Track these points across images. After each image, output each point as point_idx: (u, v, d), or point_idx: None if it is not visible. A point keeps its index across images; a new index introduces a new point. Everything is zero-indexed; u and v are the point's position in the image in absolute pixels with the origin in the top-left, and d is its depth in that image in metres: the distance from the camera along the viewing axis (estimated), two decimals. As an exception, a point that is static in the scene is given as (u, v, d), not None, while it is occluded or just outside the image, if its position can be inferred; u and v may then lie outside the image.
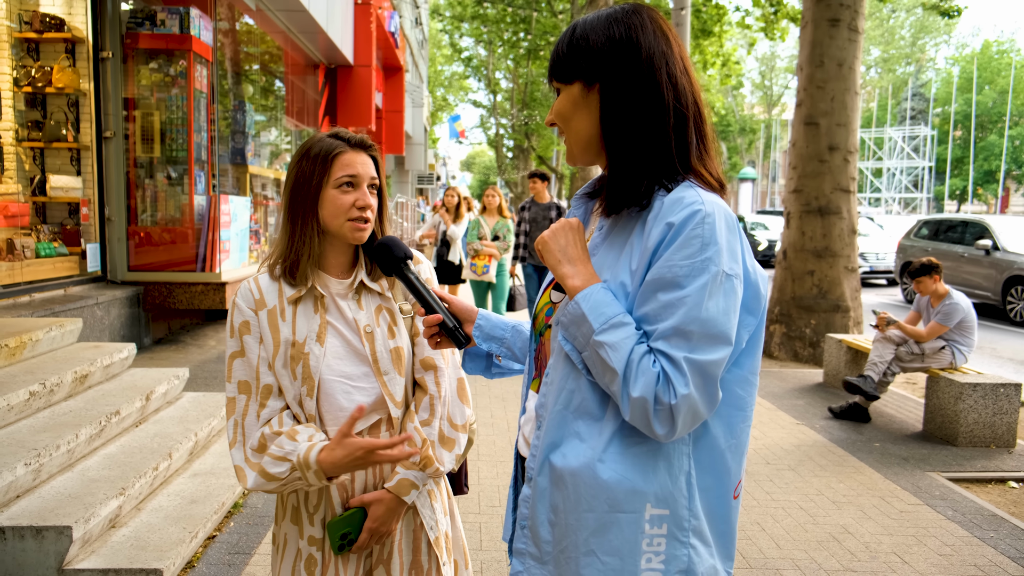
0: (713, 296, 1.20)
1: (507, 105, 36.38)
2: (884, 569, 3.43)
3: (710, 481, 1.33)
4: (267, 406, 1.66)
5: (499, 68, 36.97)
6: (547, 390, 1.36)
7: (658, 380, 1.18)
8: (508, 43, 28.07)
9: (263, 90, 10.22)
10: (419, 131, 25.03)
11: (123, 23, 6.84)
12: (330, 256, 1.74)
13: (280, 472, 1.60)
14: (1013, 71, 44.74)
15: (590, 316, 1.24)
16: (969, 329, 5.63)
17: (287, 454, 1.60)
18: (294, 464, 1.59)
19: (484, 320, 1.63)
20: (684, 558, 1.29)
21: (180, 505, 3.47)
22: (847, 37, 8.48)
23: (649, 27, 1.30)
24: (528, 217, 8.01)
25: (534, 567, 1.36)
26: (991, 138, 45.79)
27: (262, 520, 3.68)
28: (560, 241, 1.34)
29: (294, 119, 11.46)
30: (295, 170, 1.70)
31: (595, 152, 1.37)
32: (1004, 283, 11.98)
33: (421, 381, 1.80)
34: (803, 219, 8.36)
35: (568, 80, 1.35)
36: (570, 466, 1.29)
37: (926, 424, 5.62)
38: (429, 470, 1.73)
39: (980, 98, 45.70)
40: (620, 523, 1.27)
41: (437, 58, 44.93)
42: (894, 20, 55.96)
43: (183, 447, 3.91)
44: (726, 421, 1.33)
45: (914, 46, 57.52)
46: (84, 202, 6.62)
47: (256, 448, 1.63)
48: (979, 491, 4.54)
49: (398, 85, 17.60)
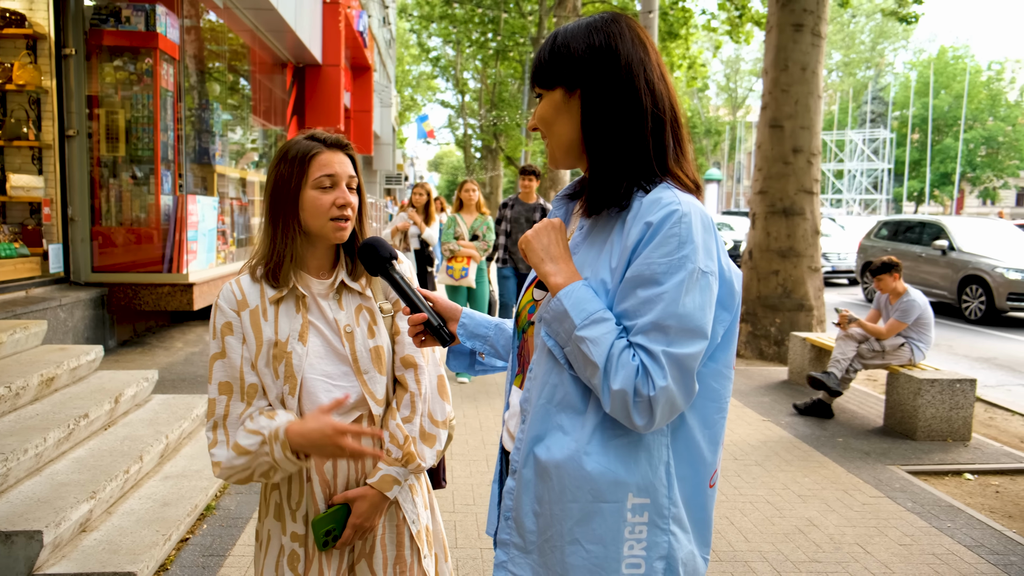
0: (690, 292, 1.25)
1: (475, 105, 36.37)
2: (848, 559, 3.53)
3: (687, 471, 1.38)
4: (252, 405, 1.68)
5: (467, 68, 36.93)
6: (531, 385, 1.41)
7: (637, 373, 1.23)
8: (476, 43, 28.07)
9: (230, 89, 10.12)
10: (387, 131, 24.94)
11: (87, 19, 6.74)
12: (311, 256, 1.77)
13: (251, 444, 1.61)
14: (968, 76, 45.87)
15: (572, 312, 1.29)
16: (926, 326, 5.79)
17: (260, 428, 1.62)
18: (265, 437, 1.61)
19: (468, 319, 1.67)
20: (664, 545, 1.34)
21: (152, 508, 3.45)
22: (810, 42, 8.66)
23: (627, 35, 1.35)
24: (510, 216, 7.32)
25: (518, 557, 1.40)
26: (947, 141, 46.91)
27: (235, 522, 3.67)
28: (543, 240, 1.38)
29: (261, 119, 11.37)
30: (274, 173, 1.72)
31: (576, 155, 1.42)
32: (959, 282, 12.29)
33: (402, 379, 1.82)
34: (768, 220, 8.51)
35: (550, 86, 1.39)
36: (554, 458, 1.33)
37: (886, 419, 5.77)
38: (411, 466, 1.76)
39: (936, 102, 46.75)
40: (603, 512, 1.31)
41: (405, 58, 44.75)
42: (854, 25, 57.03)
43: (154, 450, 3.88)
44: (702, 413, 1.38)
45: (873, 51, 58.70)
46: (46, 202, 6.51)
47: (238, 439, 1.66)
48: (937, 483, 4.68)
49: (366, 85, 17.51)
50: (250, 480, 1.67)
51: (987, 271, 11.76)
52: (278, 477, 1.66)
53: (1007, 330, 11.32)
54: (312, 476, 1.72)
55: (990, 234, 13.10)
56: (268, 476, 1.65)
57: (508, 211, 7.30)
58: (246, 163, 10.59)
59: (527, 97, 26.99)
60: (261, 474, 1.65)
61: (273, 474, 1.65)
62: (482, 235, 7.19)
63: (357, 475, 1.76)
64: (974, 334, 10.91)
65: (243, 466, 1.63)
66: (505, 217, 7.30)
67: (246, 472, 1.64)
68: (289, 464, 1.61)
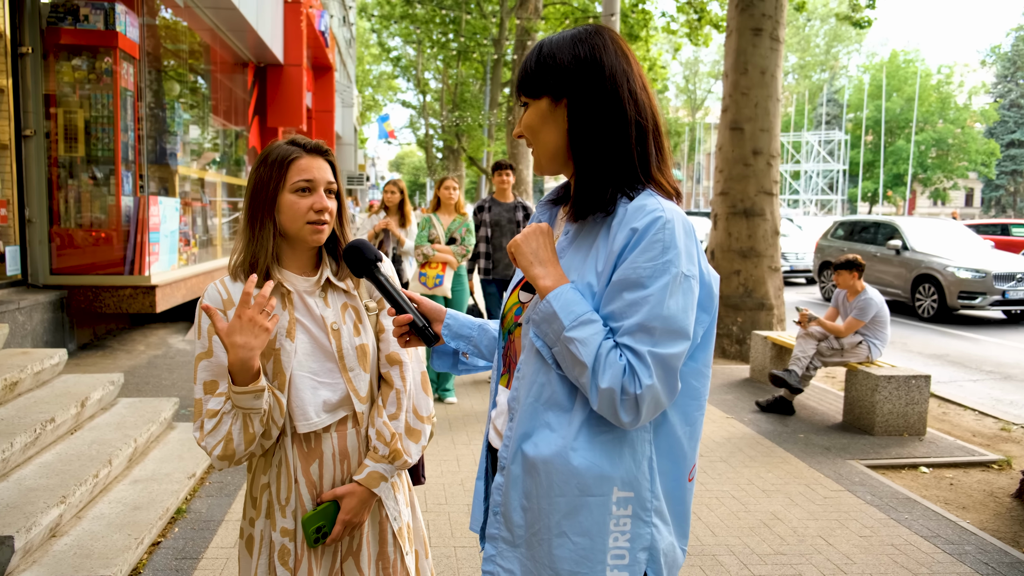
0: (673, 295, 1.30)
1: (437, 106, 36.27)
2: (811, 551, 3.64)
3: (668, 465, 1.44)
4: None
5: (428, 68, 36.80)
6: (519, 384, 1.45)
7: (624, 372, 1.29)
8: (437, 43, 28.01)
9: (191, 89, 9.99)
10: (349, 131, 24.78)
11: (44, 18, 6.61)
12: (291, 258, 1.79)
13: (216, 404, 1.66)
14: (919, 80, 47.03)
15: (561, 314, 1.34)
16: (883, 324, 5.96)
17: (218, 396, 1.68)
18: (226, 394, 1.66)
19: (452, 319, 1.71)
20: (647, 536, 1.40)
21: (123, 512, 3.42)
22: (769, 46, 8.84)
23: (611, 47, 1.40)
24: (489, 220, 6.57)
25: (506, 550, 1.45)
26: (899, 143, 48.07)
27: (208, 525, 3.65)
28: (532, 244, 1.43)
29: (222, 119, 11.24)
30: (254, 176, 1.75)
31: (561, 162, 1.47)
32: (913, 281, 12.62)
33: (387, 376, 1.86)
34: (729, 221, 8.67)
35: (536, 95, 1.44)
36: (542, 454, 1.38)
37: (845, 415, 5.93)
38: (398, 462, 1.80)
39: (889, 105, 47.89)
40: (590, 506, 1.36)
41: (365, 57, 44.48)
42: (809, 29, 58.15)
43: (123, 453, 3.84)
44: (682, 410, 1.44)
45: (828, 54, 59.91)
46: (2, 203, 6.37)
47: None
48: (894, 476, 4.83)
49: (328, 85, 17.41)
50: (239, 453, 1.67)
51: (939, 270, 12.10)
52: (256, 428, 1.65)
53: (958, 327, 11.66)
54: (299, 477, 1.75)
55: (942, 234, 13.49)
56: (246, 434, 1.65)
57: (486, 215, 6.60)
58: (206, 163, 10.46)
59: (489, 97, 27.00)
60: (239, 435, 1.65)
61: (250, 426, 1.64)
62: (460, 238, 6.20)
63: (343, 474, 1.79)
64: (927, 332, 11.23)
65: (216, 430, 1.64)
66: (484, 222, 6.59)
67: (223, 438, 1.64)
68: (246, 399, 1.59)
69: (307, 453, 1.76)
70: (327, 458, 1.77)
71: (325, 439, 1.77)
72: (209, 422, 1.65)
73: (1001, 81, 58.12)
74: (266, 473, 1.77)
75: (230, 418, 1.64)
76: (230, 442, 1.64)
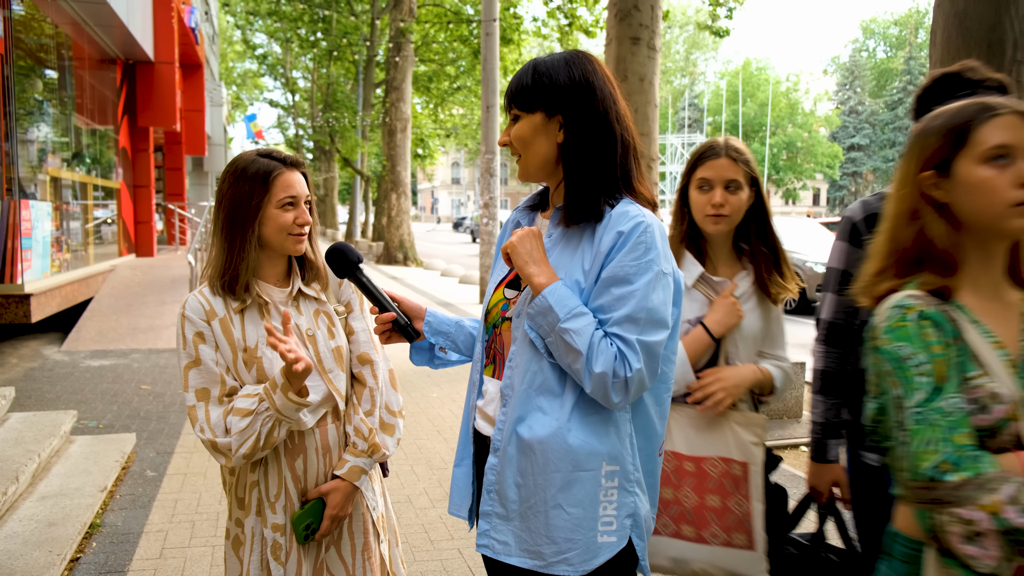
0: (655, 290, 1.49)
1: (306, 105, 35.44)
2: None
3: (644, 442, 1.62)
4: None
5: (296, 67, 35.87)
6: (512, 372, 1.59)
7: (615, 358, 1.45)
8: (306, 42, 27.40)
9: (56, 87, 9.42)
10: (219, 131, 23.87)
11: None
12: (268, 268, 1.85)
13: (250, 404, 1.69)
14: (771, 86, 50.19)
15: (556, 307, 1.49)
16: (762, 316, 6.44)
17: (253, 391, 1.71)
18: (261, 393, 1.70)
19: (432, 317, 1.83)
20: (631, 504, 1.57)
21: (37, 529, 3.28)
22: (647, 55, 9.29)
23: (599, 71, 1.57)
24: None
25: (500, 524, 1.58)
26: (755, 146, 51.08)
27: (127, 538, 3.55)
28: (526, 245, 1.57)
29: (88, 118, 10.65)
30: (230, 191, 1.77)
31: (549, 171, 1.63)
32: (777, 276, 13.54)
33: (359, 375, 1.95)
34: (614, 221, 9.03)
35: (531, 109, 1.58)
36: (537, 435, 1.53)
37: (731, 401, 6.36)
38: (376, 456, 1.89)
39: (744, 109, 50.83)
40: (583, 480, 1.52)
41: (229, 54, 42.86)
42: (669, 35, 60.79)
43: (27, 469, 3.67)
44: (655, 393, 1.63)
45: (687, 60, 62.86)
46: None
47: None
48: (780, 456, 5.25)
49: (198, 83, 16.76)
50: (258, 454, 1.72)
51: (799, 266, 13.06)
52: (281, 434, 1.72)
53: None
54: (285, 473, 1.81)
55: (800, 232, 14.55)
56: (271, 438, 1.71)
57: None
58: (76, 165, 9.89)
59: (362, 98, 26.69)
60: (265, 437, 1.70)
61: (276, 431, 1.71)
62: None
63: (326, 467, 1.87)
64: (791, 323, 11.92)
65: (249, 428, 1.68)
66: None
67: (253, 437, 1.69)
68: (291, 407, 1.68)
69: (291, 450, 1.83)
70: (311, 453, 1.84)
71: (308, 436, 1.84)
72: (239, 421, 1.68)
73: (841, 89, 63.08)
74: (254, 472, 1.82)
75: (261, 420, 1.69)
76: (258, 442, 1.69)
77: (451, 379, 6.72)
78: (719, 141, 2.19)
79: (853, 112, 60.93)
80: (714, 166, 2.14)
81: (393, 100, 21.31)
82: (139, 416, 5.52)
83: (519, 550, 1.55)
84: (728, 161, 2.14)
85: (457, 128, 29.44)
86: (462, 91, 25.73)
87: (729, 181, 2.13)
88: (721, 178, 2.13)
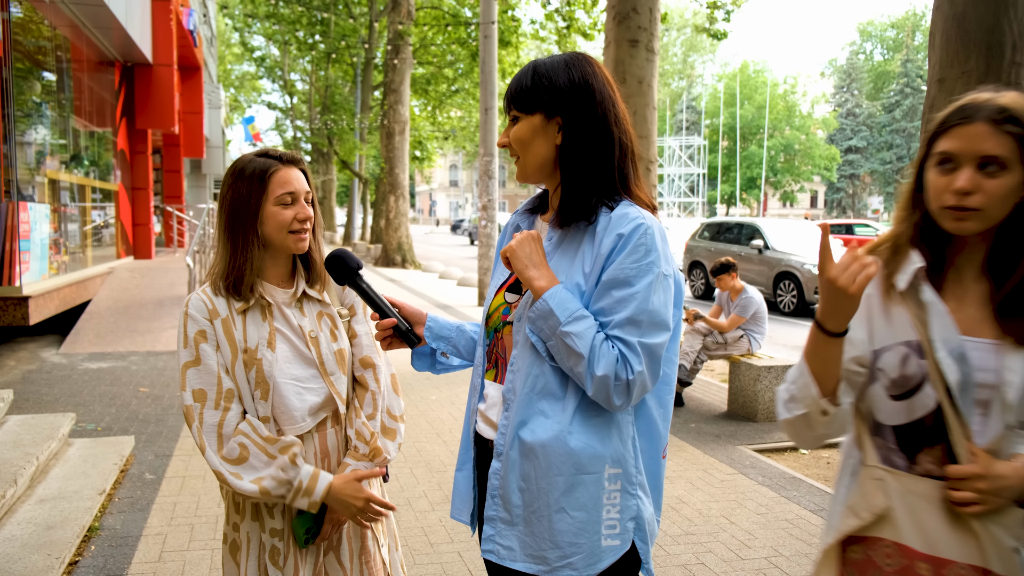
0: (656, 292, 1.48)
1: (304, 108, 35.41)
2: (717, 530, 3.94)
3: (647, 444, 1.62)
4: (231, 409, 1.73)
5: (294, 70, 35.85)
6: (513, 377, 1.59)
7: (617, 360, 1.45)
8: (304, 44, 27.41)
9: (55, 89, 9.40)
10: (216, 134, 23.86)
11: None
12: (271, 267, 1.85)
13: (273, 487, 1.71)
14: (768, 89, 50.24)
15: (557, 311, 1.48)
16: (762, 319, 6.46)
17: (291, 479, 1.73)
18: (292, 489, 1.73)
19: (433, 322, 1.83)
20: (634, 507, 1.57)
21: (36, 532, 3.27)
22: (645, 57, 9.29)
23: (599, 74, 1.57)
24: None
25: (504, 529, 1.58)
26: (752, 148, 51.17)
27: (125, 541, 3.53)
28: (526, 249, 1.56)
29: (86, 120, 10.63)
30: (230, 191, 1.78)
31: (548, 173, 1.62)
32: (774, 278, 13.57)
33: (361, 379, 1.94)
34: (613, 223, 9.03)
35: (530, 111, 1.58)
36: (539, 439, 1.52)
37: (730, 404, 6.38)
38: (377, 460, 1.89)
39: (742, 112, 50.86)
40: (586, 483, 1.52)
41: (227, 56, 42.82)
42: (667, 38, 60.86)
43: (26, 472, 3.66)
44: (657, 395, 1.62)
45: (685, 63, 62.91)
46: None
47: (234, 460, 1.70)
48: (779, 459, 5.26)
49: (196, 86, 16.74)
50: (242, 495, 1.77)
51: (797, 267, 13.07)
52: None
53: (815, 320, 12.62)
54: None
55: (798, 234, 14.55)
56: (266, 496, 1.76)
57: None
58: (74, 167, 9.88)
59: (360, 100, 26.69)
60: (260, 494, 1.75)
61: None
62: None
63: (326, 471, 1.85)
64: (789, 325, 12.11)
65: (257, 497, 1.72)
66: None
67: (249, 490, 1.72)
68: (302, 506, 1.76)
69: None
70: (309, 457, 1.83)
71: (307, 440, 1.83)
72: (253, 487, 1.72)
73: (839, 91, 63.17)
74: None
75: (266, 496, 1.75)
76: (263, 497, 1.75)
77: (450, 382, 6.72)
78: (979, 98, 1.40)
79: (850, 115, 61.03)
80: (964, 134, 1.38)
81: (391, 102, 21.30)
82: (137, 419, 5.51)
83: (524, 555, 1.55)
84: (987, 128, 1.36)
85: (455, 130, 29.43)
86: (460, 93, 25.73)
87: (985, 157, 1.36)
88: (973, 152, 1.37)
